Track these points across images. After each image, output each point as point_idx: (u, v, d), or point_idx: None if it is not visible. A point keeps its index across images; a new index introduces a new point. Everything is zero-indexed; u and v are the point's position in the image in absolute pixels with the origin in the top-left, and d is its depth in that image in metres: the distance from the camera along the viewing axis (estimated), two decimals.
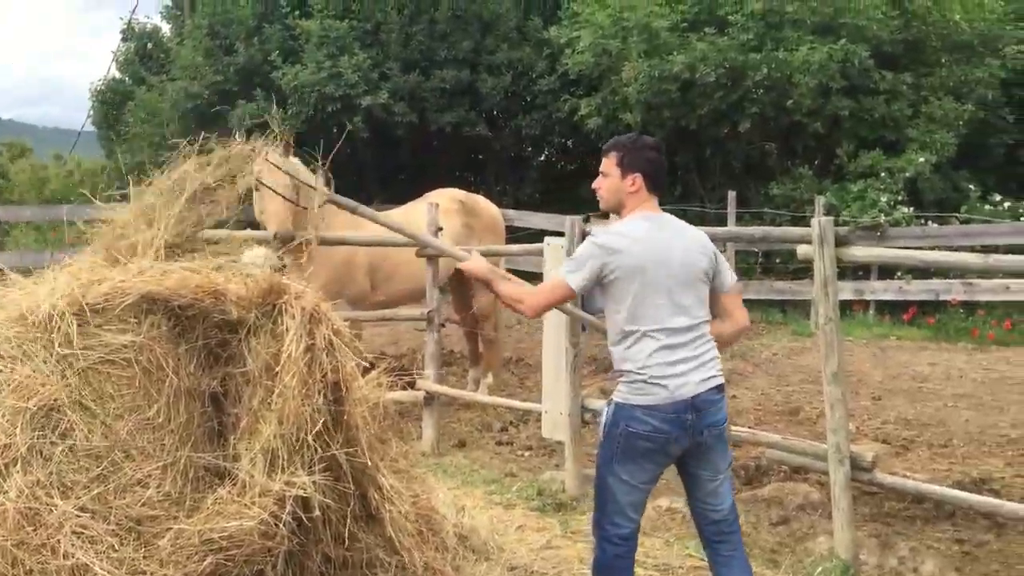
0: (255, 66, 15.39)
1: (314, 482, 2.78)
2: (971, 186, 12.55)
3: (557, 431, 5.52)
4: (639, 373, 3.19)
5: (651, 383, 3.17)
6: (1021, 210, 12.03)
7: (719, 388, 3.26)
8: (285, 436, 2.78)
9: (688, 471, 3.36)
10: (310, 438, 2.78)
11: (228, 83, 15.52)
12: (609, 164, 3.37)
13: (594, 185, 3.44)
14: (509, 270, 10.04)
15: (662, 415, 3.16)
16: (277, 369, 2.86)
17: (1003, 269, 3.91)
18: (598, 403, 5.63)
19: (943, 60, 13.08)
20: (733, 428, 5.09)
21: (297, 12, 15.37)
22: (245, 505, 2.74)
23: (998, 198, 12.36)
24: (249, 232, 6.02)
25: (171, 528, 2.69)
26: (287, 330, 2.88)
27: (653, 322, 3.20)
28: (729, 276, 3.44)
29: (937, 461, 5.85)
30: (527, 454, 6.20)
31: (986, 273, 9.32)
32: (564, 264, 3.35)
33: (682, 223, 3.45)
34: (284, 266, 3.46)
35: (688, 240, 3.34)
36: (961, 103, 12.41)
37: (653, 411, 3.17)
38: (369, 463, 2.98)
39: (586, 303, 5.99)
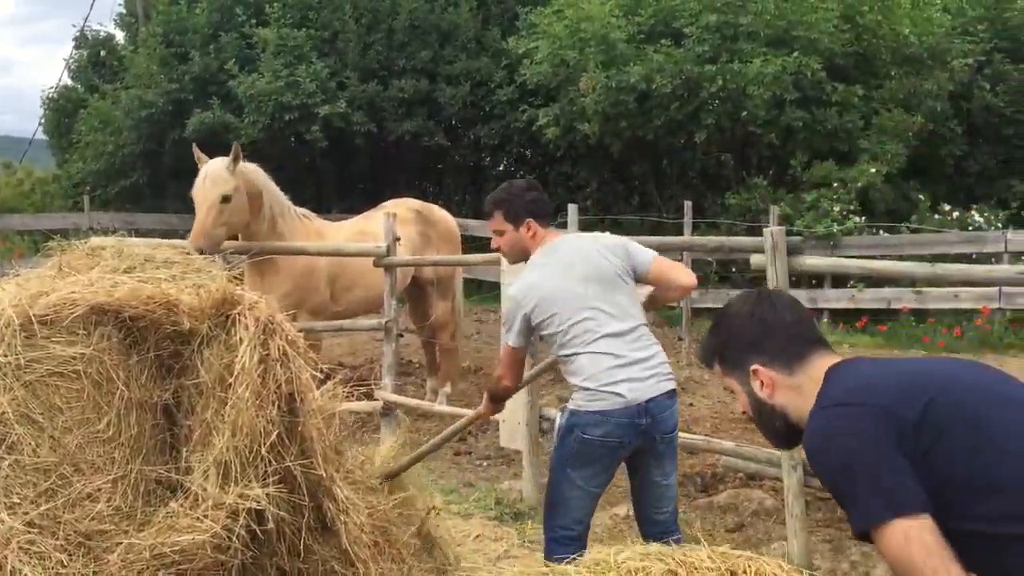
0: (211, 74, 15.28)
1: (268, 494, 2.75)
2: (921, 196, 12.81)
3: (515, 440, 5.54)
4: (587, 381, 3.27)
5: (603, 390, 3.24)
6: (969, 220, 12.30)
7: (671, 393, 3.35)
8: (238, 448, 2.75)
9: (639, 474, 3.45)
10: (264, 450, 2.76)
11: (183, 92, 15.38)
12: (498, 222, 3.52)
13: (494, 246, 3.61)
14: (467, 279, 10.07)
15: (616, 420, 3.23)
16: (230, 380, 2.83)
17: (948, 278, 4.01)
18: (555, 412, 5.67)
19: (893, 73, 13.35)
20: (689, 436, 5.14)
21: (254, 21, 15.28)
22: (197, 518, 2.71)
23: (947, 208, 12.63)
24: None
25: (121, 543, 2.65)
26: (241, 341, 2.85)
27: (588, 338, 3.29)
28: (644, 255, 3.52)
29: None
30: (485, 463, 6.21)
31: (934, 281, 9.53)
32: (502, 330, 3.55)
33: (580, 236, 3.67)
34: (239, 277, 3.43)
35: (588, 250, 3.45)
36: (911, 115, 12.67)
37: (608, 416, 3.23)
38: (324, 474, 2.96)
39: None
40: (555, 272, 3.39)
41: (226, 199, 5.88)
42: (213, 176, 5.90)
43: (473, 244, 8.67)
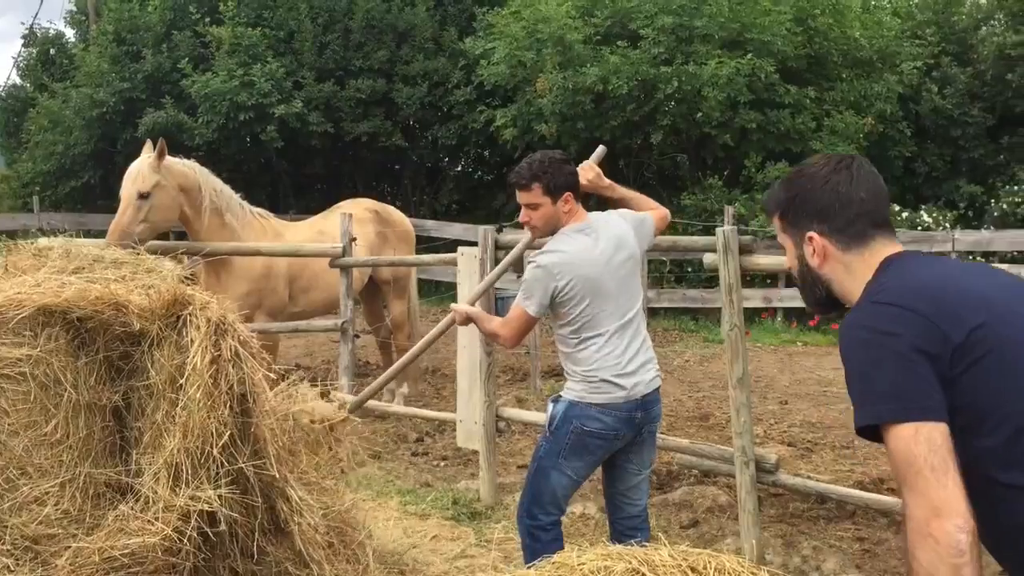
0: (164, 73, 15.09)
1: (220, 496, 2.73)
2: None
3: (472, 440, 5.54)
4: (594, 372, 3.32)
5: (608, 382, 3.31)
6: (918, 220, 12.54)
7: (659, 387, 3.49)
8: (190, 449, 2.73)
9: (617, 464, 3.51)
10: (216, 451, 2.74)
11: (135, 90, 15.16)
12: (536, 195, 3.40)
13: (522, 220, 3.47)
14: (425, 280, 10.03)
15: (616, 414, 3.32)
16: (181, 381, 2.81)
17: None
18: (512, 412, 5.69)
19: (844, 75, 13.59)
20: None
21: (208, 19, 15.10)
22: (148, 521, 2.68)
23: (897, 208, 12.87)
24: (155, 244, 5.91)
25: (70, 547, 2.62)
26: (192, 341, 2.83)
27: (604, 324, 3.35)
28: (649, 221, 3.62)
29: (840, 462, 6.04)
30: (443, 464, 6.20)
31: None
32: (520, 293, 3.41)
33: (605, 216, 3.56)
34: (192, 277, 3.40)
35: (615, 230, 3.47)
36: (861, 116, 12.91)
37: (608, 410, 3.32)
38: (277, 475, 2.95)
39: (500, 311, 6.03)
40: (592, 254, 3.35)
41: (143, 196, 5.85)
42: (133, 173, 5.91)
43: (430, 244, 8.65)
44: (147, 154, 5.99)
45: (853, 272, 1.82)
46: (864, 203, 1.83)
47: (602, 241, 3.40)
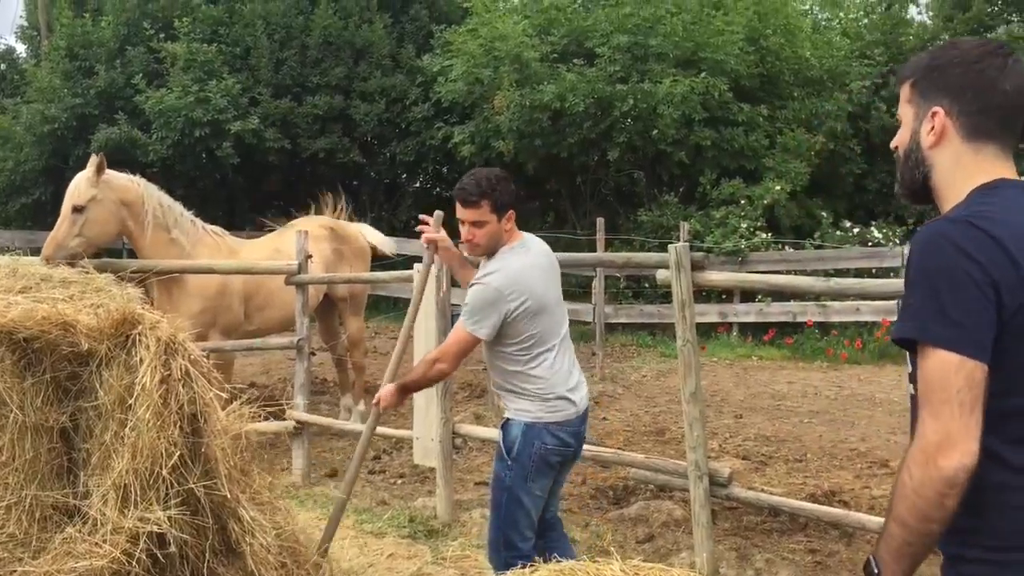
0: (117, 89, 14.90)
1: (170, 517, 2.71)
2: (824, 213, 13.28)
3: (428, 458, 5.53)
4: (550, 389, 3.35)
5: (563, 398, 3.36)
6: (868, 235, 12.78)
7: None
8: (139, 470, 2.70)
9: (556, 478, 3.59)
10: (165, 472, 2.71)
11: (88, 106, 14.96)
12: (484, 212, 3.34)
13: (466, 238, 3.39)
14: (383, 296, 9.96)
15: (569, 430, 3.39)
16: (131, 402, 2.78)
17: (840, 291, 4.17)
18: (469, 429, 5.68)
19: (795, 94, 13.84)
20: (601, 449, 5.22)
21: (162, 35, 14.98)
22: (96, 544, 2.65)
23: (848, 224, 13.11)
24: (106, 260, 5.84)
25: (15, 571, 2.58)
26: (141, 361, 2.81)
27: (551, 339, 3.39)
28: None
29: (793, 475, 6.13)
30: (400, 482, 6.17)
31: (832, 296, 9.87)
32: (464, 316, 3.32)
33: (533, 237, 3.61)
34: (144, 297, 3.38)
35: (542, 245, 3.57)
36: (813, 134, 13.15)
37: (563, 427, 3.38)
38: (229, 495, 2.92)
39: None
40: (538, 274, 3.39)
41: (78, 209, 5.84)
42: (71, 188, 5.89)
43: (387, 261, 8.63)
44: (87, 170, 5.96)
45: (961, 166, 1.70)
46: (1007, 97, 1.68)
47: (540, 256, 3.47)
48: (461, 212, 3.38)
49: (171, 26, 14.87)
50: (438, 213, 3.73)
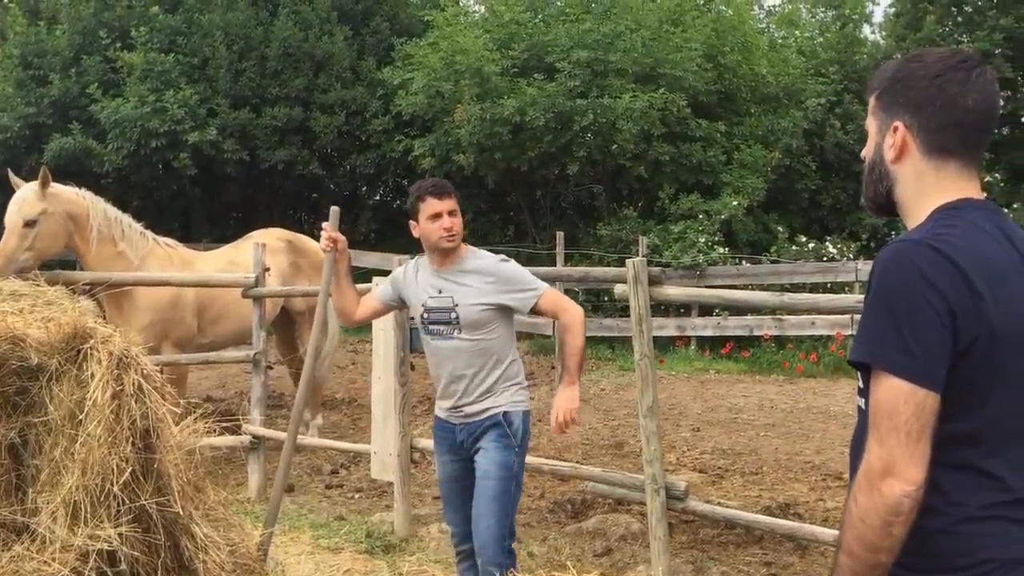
0: (71, 98, 14.69)
1: (121, 534, 2.66)
2: (780, 228, 13.47)
3: (386, 472, 5.49)
4: (524, 377, 3.64)
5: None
6: (823, 251, 12.99)
7: None
8: (89, 487, 2.65)
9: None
10: (116, 488, 2.67)
11: (41, 116, 14.73)
12: (455, 202, 3.52)
13: (448, 227, 3.44)
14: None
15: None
16: (81, 417, 2.74)
17: (796, 307, 4.22)
18: (428, 443, 5.65)
19: (752, 111, 14.07)
20: (559, 463, 5.23)
21: (118, 44, 14.80)
22: (45, 562, 2.60)
23: (803, 239, 13.32)
24: (57, 273, 5.75)
25: None
26: (93, 376, 2.76)
27: None
28: None
29: (749, 488, 6.18)
30: (357, 496, 6.13)
31: (786, 310, 10.01)
32: (530, 283, 3.49)
33: None
34: (97, 310, 3.33)
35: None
36: (769, 151, 13.35)
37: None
38: (182, 512, 2.88)
39: (415, 342, 6.03)
40: None
41: (29, 223, 5.78)
42: (19, 201, 5.82)
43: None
44: (33, 182, 5.88)
45: (921, 182, 1.68)
46: (967, 113, 1.64)
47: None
48: (438, 205, 3.45)
49: (128, 35, 14.70)
50: (335, 209, 3.79)
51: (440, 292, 3.49)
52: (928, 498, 1.56)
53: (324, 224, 3.69)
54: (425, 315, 3.53)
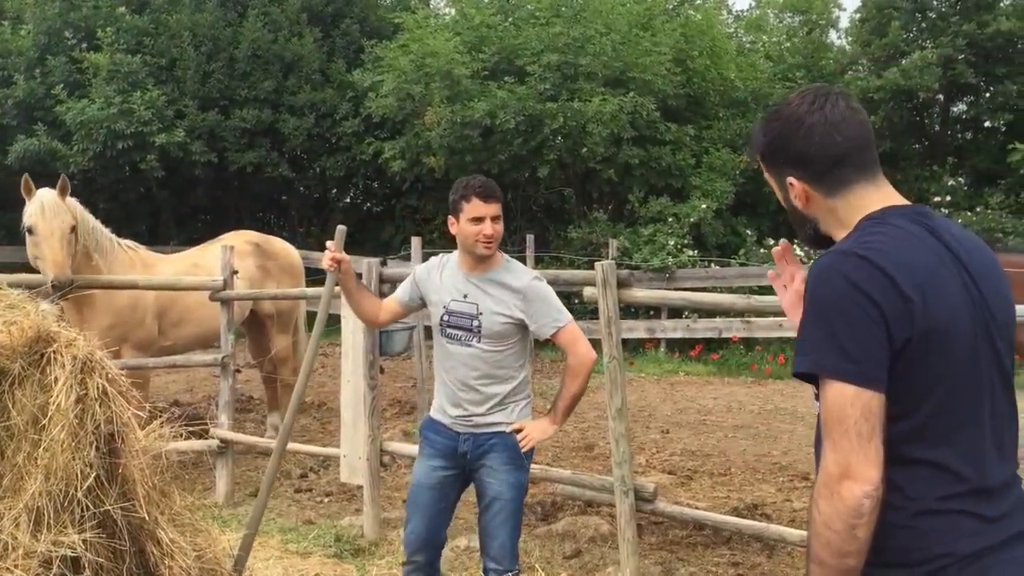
0: (36, 99, 14.49)
1: (85, 540, 2.63)
2: (748, 231, 13.58)
3: (356, 475, 5.48)
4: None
5: None
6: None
7: None
8: (52, 493, 2.62)
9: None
10: (80, 494, 2.64)
11: (6, 117, 14.52)
12: (500, 208, 3.43)
13: (491, 232, 3.35)
14: (312, 312, 9.86)
15: None
16: (44, 422, 2.70)
17: (760, 309, 4.27)
18: (397, 446, 5.64)
19: (721, 114, 14.17)
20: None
21: (84, 45, 14.63)
22: (7, 569, 2.56)
23: (771, 242, 13.42)
24: (21, 276, 5.67)
25: None
26: (56, 380, 2.73)
27: None
28: None
29: (718, 489, 6.23)
30: (327, 500, 6.10)
31: (754, 312, 10.08)
32: (558, 312, 3.46)
33: None
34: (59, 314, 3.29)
35: None
36: (737, 154, 13.46)
37: None
38: (147, 517, 2.85)
39: (384, 345, 6.01)
40: None
41: (74, 229, 5.77)
42: (53, 207, 5.68)
43: (317, 277, 8.53)
44: (51, 189, 5.77)
45: (838, 215, 1.76)
46: (843, 145, 1.72)
47: None
48: (483, 208, 3.34)
49: (94, 36, 14.52)
50: (341, 228, 3.68)
51: (465, 297, 3.40)
52: (887, 495, 1.59)
53: (328, 243, 3.55)
54: (445, 317, 3.41)
